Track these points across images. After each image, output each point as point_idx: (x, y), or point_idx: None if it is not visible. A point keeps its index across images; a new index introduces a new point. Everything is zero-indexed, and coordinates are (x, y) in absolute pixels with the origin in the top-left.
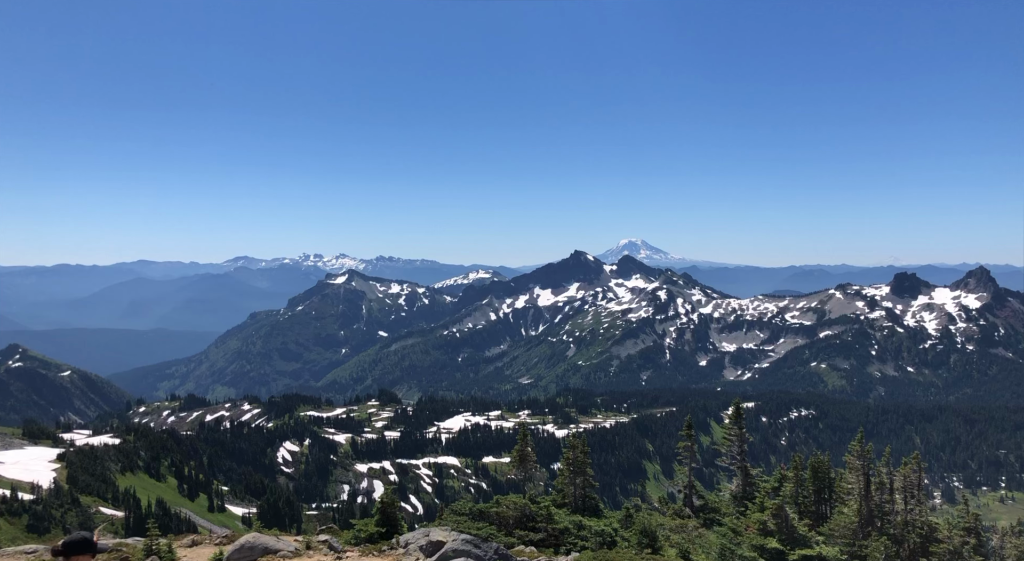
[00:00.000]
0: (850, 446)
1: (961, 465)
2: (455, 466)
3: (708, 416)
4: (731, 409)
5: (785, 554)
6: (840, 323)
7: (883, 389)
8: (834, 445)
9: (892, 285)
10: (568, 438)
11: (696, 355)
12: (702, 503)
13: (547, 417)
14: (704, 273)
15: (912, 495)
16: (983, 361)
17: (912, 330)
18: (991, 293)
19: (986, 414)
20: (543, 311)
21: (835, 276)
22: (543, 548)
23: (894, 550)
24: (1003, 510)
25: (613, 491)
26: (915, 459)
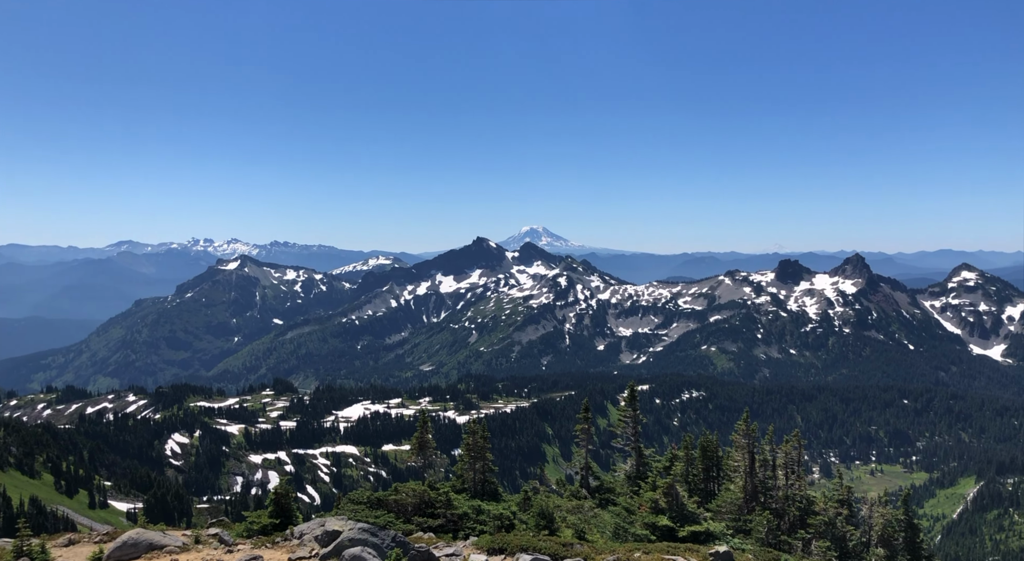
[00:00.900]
0: (736, 426)
1: (837, 441)
2: (354, 455)
3: (605, 399)
4: (626, 392)
5: (675, 531)
6: (729, 308)
7: (768, 371)
8: (722, 425)
9: (777, 271)
10: (468, 424)
11: (595, 340)
12: (598, 484)
13: (448, 404)
14: (603, 260)
15: (792, 471)
16: (858, 343)
17: (795, 314)
18: (865, 279)
19: (860, 393)
20: (445, 298)
21: (724, 263)
22: (442, 534)
23: (775, 523)
24: (873, 482)
25: (513, 475)
26: (795, 437)
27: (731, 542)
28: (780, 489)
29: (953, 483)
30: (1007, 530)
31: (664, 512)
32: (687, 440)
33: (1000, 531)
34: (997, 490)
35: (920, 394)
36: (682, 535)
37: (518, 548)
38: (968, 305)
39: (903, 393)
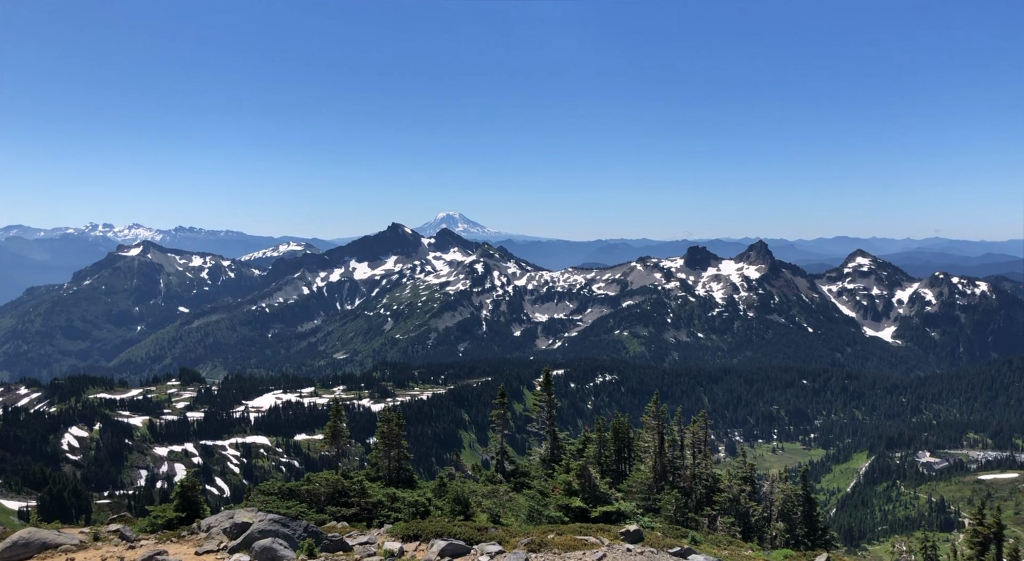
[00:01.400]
0: (647, 408)
1: (742, 421)
2: (265, 445)
3: (521, 384)
4: (542, 377)
5: (588, 512)
6: (641, 293)
7: (677, 354)
8: (634, 407)
9: (686, 258)
10: (383, 412)
11: (511, 326)
12: (513, 468)
13: (363, 392)
14: (519, 246)
15: (699, 450)
16: (761, 326)
17: (702, 299)
18: (768, 265)
19: (763, 375)
20: (359, 284)
21: (636, 249)
22: (356, 522)
23: (683, 501)
24: (775, 459)
25: (429, 462)
26: (702, 417)
27: (641, 521)
28: (688, 468)
29: (847, 458)
30: (895, 501)
31: (577, 494)
32: (600, 423)
33: (889, 502)
34: (886, 464)
35: (818, 375)
36: (594, 515)
37: (433, 534)
38: (862, 289)
39: (802, 374)
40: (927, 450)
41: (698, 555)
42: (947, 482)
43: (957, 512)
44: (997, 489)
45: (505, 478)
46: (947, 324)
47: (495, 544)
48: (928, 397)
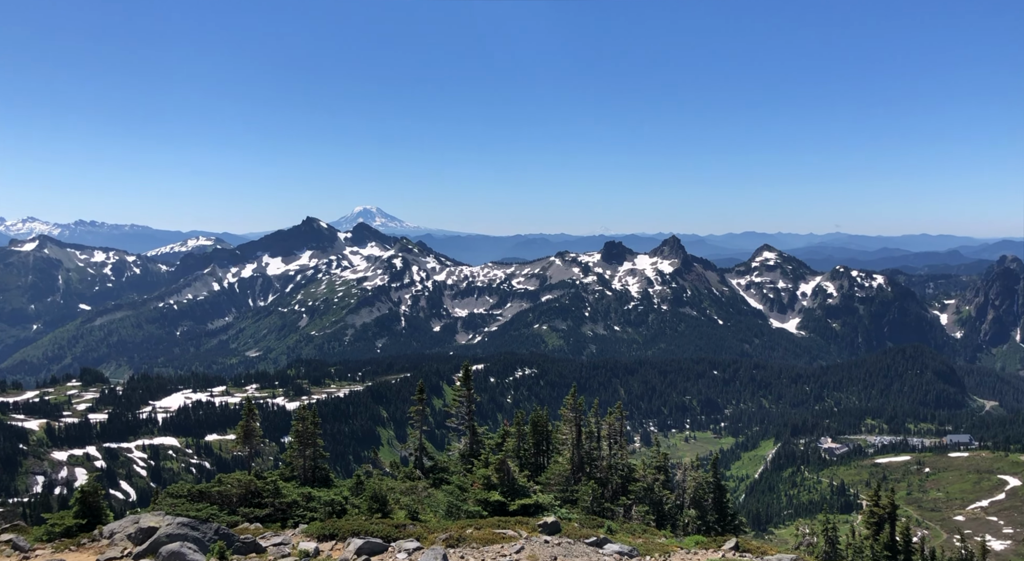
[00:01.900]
0: (565, 401)
1: (656, 411)
2: (174, 447)
3: (441, 380)
4: (461, 372)
5: (507, 505)
6: (559, 288)
7: (595, 347)
8: (553, 400)
9: (603, 252)
10: (298, 410)
11: (431, 321)
12: (432, 464)
13: (277, 390)
14: (438, 241)
15: (615, 441)
16: (675, 319)
17: (619, 293)
18: (681, 259)
19: (676, 366)
20: (273, 280)
21: (555, 244)
22: (270, 523)
23: (600, 492)
24: (687, 448)
25: (347, 460)
26: (618, 409)
27: (559, 512)
28: (604, 459)
29: (755, 446)
30: (799, 486)
31: (496, 488)
32: (519, 416)
33: (793, 487)
34: (791, 450)
35: (728, 365)
36: (513, 509)
37: (349, 532)
38: (769, 283)
39: (713, 365)
40: (829, 436)
41: (613, 544)
42: (847, 466)
43: (856, 495)
44: (892, 471)
45: (424, 474)
46: (847, 315)
47: (413, 541)
48: (830, 385)
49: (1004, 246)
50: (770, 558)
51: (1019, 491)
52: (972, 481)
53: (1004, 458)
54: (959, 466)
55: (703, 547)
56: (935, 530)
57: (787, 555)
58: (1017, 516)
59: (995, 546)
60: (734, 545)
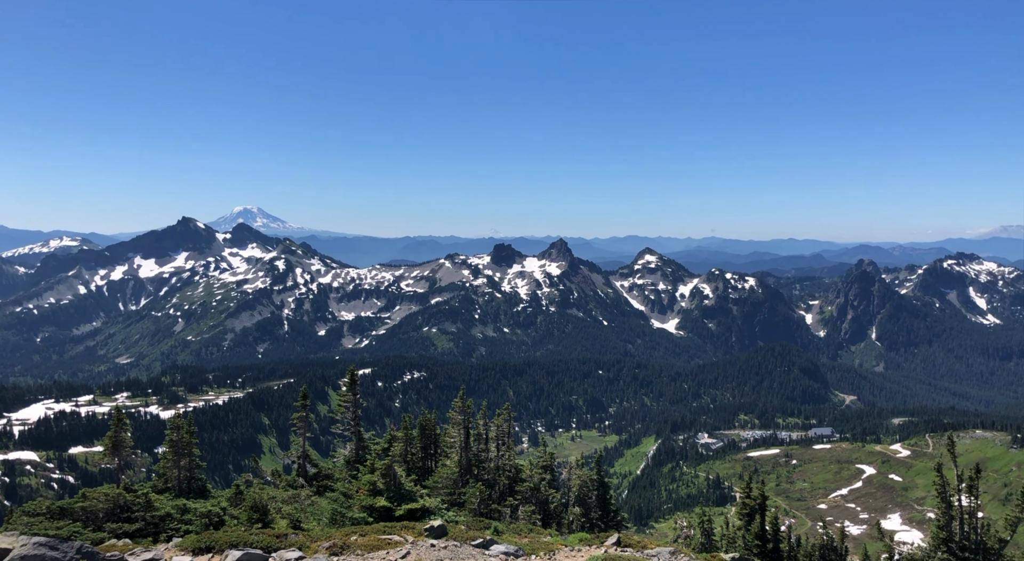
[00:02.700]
0: (453, 403)
1: (544, 412)
2: (33, 461)
3: (327, 385)
4: (347, 377)
5: (393, 510)
6: (449, 290)
7: (484, 349)
8: (442, 403)
9: (492, 255)
10: (173, 419)
11: (315, 325)
12: (316, 471)
13: (151, 398)
14: (323, 243)
15: (503, 443)
16: (562, 320)
17: (508, 295)
18: (568, 262)
19: (563, 367)
20: (145, 283)
21: (445, 246)
22: (140, 538)
23: (487, 493)
24: (574, 447)
25: (226, 469)
26: (506, 410)
27: (446, 515)
28: (492, 461)
29: (638, 443)
30: (678, 480)
31: (382, 493)
32: (407, 421)
33: (673, 482)
34: (671, 446)
35: (612, 365)
36: (399, 514)
37: (227, 545)
38: (650, 285)
39: (598, 365)
40: (706, 432)
41: (499, 545)
42: (722, 460)
43: (730, 487)
44: (763, 464)
45: (307, 482)
46: (722, 315)
47: (295, 550)
48: (706, 383)
49: (862, 250)
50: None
51: (874, 479)
52: (833, 471)
53: (861, 448)
54: (822, 457)
55: (587, 544)
56: (801, 518)
57: (666, 548)
58: (872, 502)
59: (853, 531)
60: (616, 541)
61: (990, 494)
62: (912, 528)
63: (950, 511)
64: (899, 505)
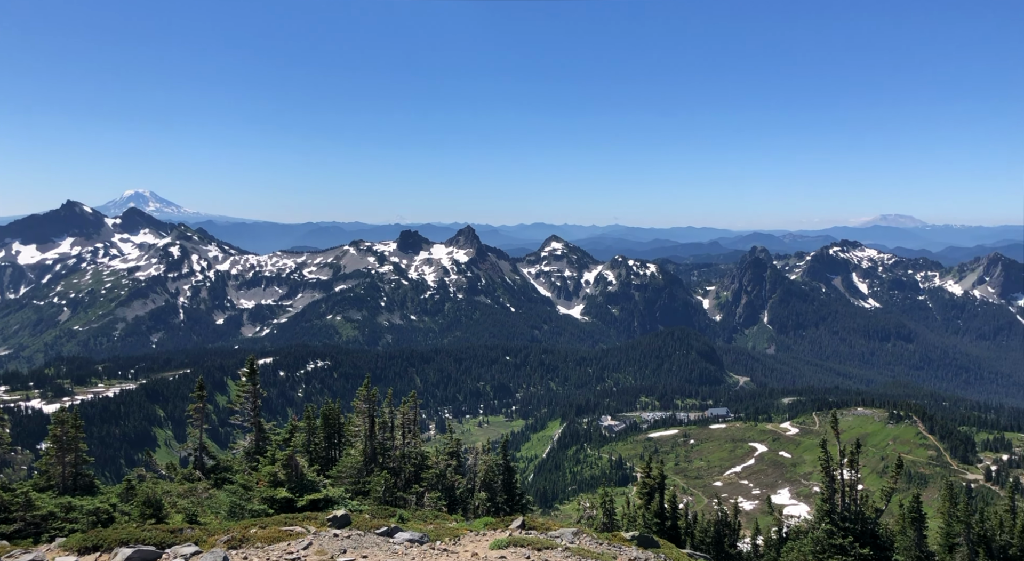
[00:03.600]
0: (358, 392)
1: (451, 398)
2: None
3: (225, 375)
4: (246, 366)
5: (295, 501)
6: (354, 277)
7: (391, 337)
8: (347, 392)
9: (399, 241)
10: (57, 413)
11: (213, 313)
12: (214, 464)
13: (33, 391)
14: (221, 228)
15: (409, 430)
16: (470, 307)
17: (415, 282)
18: (476, 249)
19: (471, 353)
20: (26, 270)
21: (349, 233)
22: (20, 540)
23: (392, 481)
24: (481, 433)
25: (118, 464)
26: (412, 398)
27: (349, 505)
28: (398, 448)
29: (544, 427)
30: (583, 462)
31: (283, 484)
32: (309, 410)
33: (577, 464)
34: (576, 429)
35: (519, 351)
36: (301, 505)
37: (116, 542)
38: (556, 272)
39: (506, 351)
40: (609, 414)
41: (404, 532)
42: (624, 442)
43: (632, 468)
44: (662, 445)
45: (204, 475)
46: (625, 301)
47: (191, 545)
48: (610, 367)
49: (755, 238)
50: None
51: (765, 456)
52: (728, 449)
53: (754, 428)
54: (718, 437)
55: (491, 528)
56: (698, 496)
57: (569, 529)
58: (764, 478)
59: (746, 506)
60: (520, 523)
61: (869, 467)
62: (800, 502)
63: (833, 485)
64: (788, 480)
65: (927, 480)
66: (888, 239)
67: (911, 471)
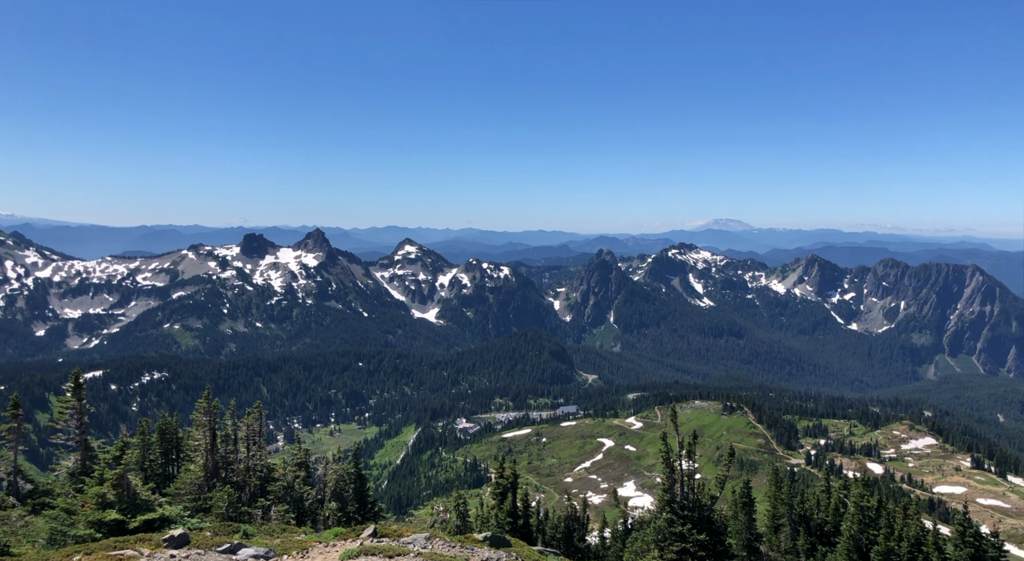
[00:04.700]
0: (198, 404)
1: (301, 408)
2: None
3: (47, 391)
4: (71, 380)
5: (126, 523)
6: (193, 283)
7: (235, 345)
8: (187, 405)
9: (242, 245)
10: None
11: (33, 324)
12: (33, 488)
13: None
14: (40, 232)
15: (254, 442)
16: (320, 313)
17: (261, 288)
18: (326, 253)
19: (322, 360)
20: None
21: (188, 236)
22: None
23: (236, 496)
24: (333, 441)
25: None
26: (257, 408)
27: (189, 523)
28: (242, 462)
29: (398, 433)
30: (437, 466)
31: (113, 506)
32: (144, 425)
33: (432, 468)
34: (431, 433)
35: (372, 356)
36: (134, 526)
37: None
38: (411, 275)
39: (359, 357)
40: (464, 417)
41: (248, 548)
42: (479, 443)
43: (486, 469)
44: (516, 444)
45: (20, 500)
46: (479, 304)
47: None
48: (465, 369)
49: (602, 241)
50: (406, 539)
51: (613, 451)
52: (579, 446)
53: (602, 423)
54: (569, 434)
55: (342, 538)
56: (550, 493)
57: (421, 534)
58: (611, 472)
59: (595, 500)
60: (372, 532)
61: (706, 457)
62: (645, 493)
63: (673, 475)
64: (634, 473)
65: (757, 467)
66: (720, 242)
67: (743, 459)
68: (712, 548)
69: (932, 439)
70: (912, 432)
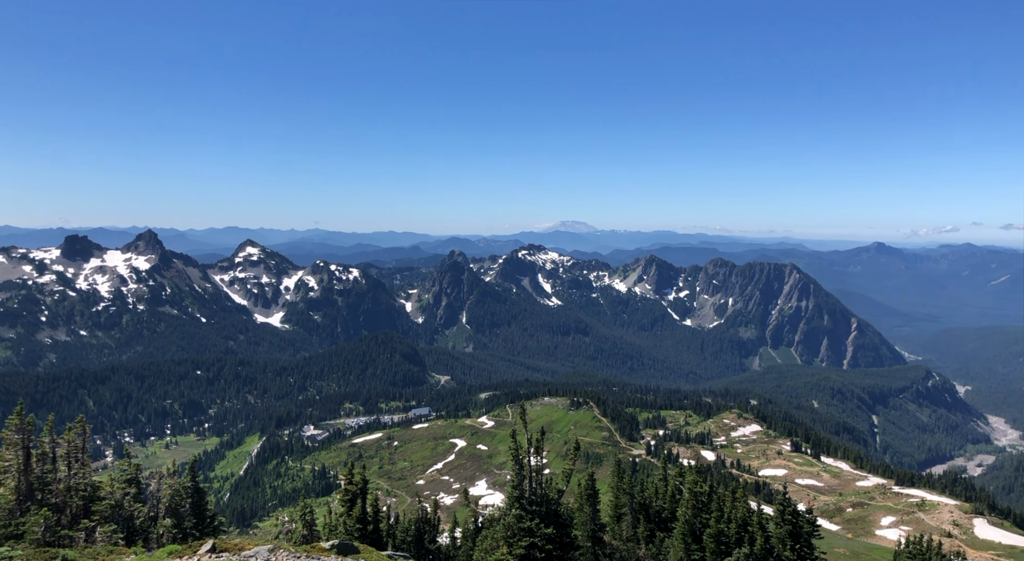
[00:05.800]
0: (8, 421)
1: (133, 420)
2: None
3: None
4: None
5: None
6: (5, 289)
7: (55, 356)
8: None
9: (63, 248)
10: None
11: None
12: None
13: None
14: None
15: (76, 459)
16: (153, 319)
17: (85, 293)
18: (159, 255)
19: (155, 369)
20: None
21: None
22: None
23: (55, 519)
24: (168, 455)
25: None
26: (80, 423)
27: None
28: (62, 482)
29: (241, 443)
30: (284, 476)
31: None
32: None
33: (278, 478)
34: (276, 442)
35: (212, 364)
36: None
37: None
38: (253, 278)
39: (196, 365)
40: (312, 424)
41: None
42: (328, 450)
43: (335, 476)
44: (367, 449)
45: None
46: (327, 307)
47: None
48: (313, 375)
49: (453, 242)
50: (247, 553)
51: (465, 451)
52: (431, 448)
53: (455, 424)
54: (421, 436)
55: (177, 556)
56: (402, 496)
57: (264, 546)
58: (463, 472)
59: (447, 501)
60: (211, 547)
61: (555, 452)
62: (496, 491)
63: (523, 471)
64: (485, 472)
65: (602, 459)
66: (567, 243)
67: (588, 452)
68: (559, 541)
69: (757, 426)
70: (740, 420)
